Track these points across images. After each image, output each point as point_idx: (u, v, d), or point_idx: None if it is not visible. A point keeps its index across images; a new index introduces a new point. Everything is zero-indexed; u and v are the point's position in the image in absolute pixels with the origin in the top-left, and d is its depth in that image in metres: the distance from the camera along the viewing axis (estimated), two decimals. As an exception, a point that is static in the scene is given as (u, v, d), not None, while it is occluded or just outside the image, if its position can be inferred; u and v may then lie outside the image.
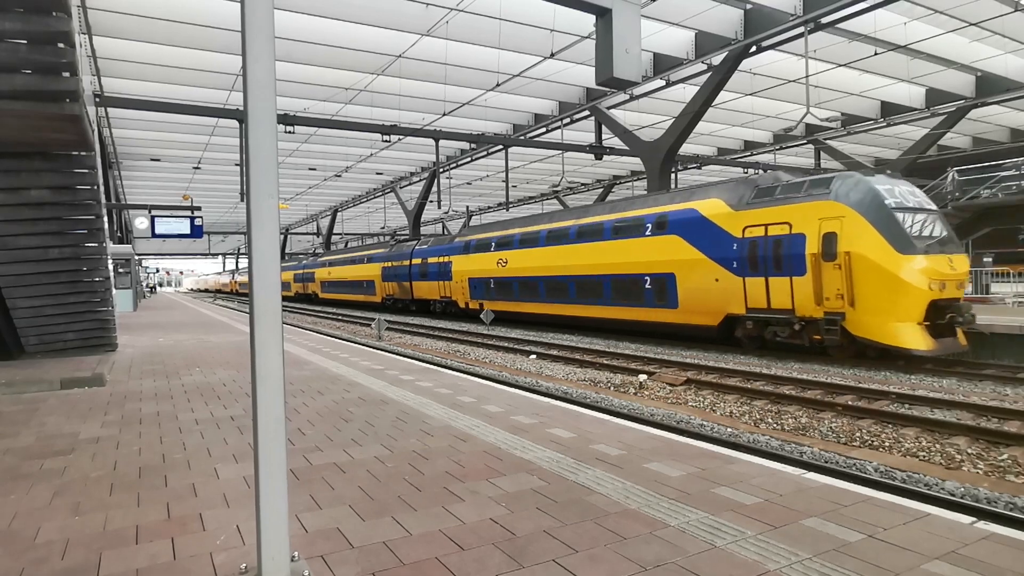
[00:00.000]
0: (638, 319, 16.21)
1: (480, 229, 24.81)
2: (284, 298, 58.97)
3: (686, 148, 24.03)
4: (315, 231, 54.74)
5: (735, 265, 13.24)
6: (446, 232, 43.69)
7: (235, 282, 78.99)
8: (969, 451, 6.38)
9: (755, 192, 13.32)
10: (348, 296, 39.35)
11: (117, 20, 13.66)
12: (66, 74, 6.12)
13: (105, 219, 10.04)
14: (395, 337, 19.83)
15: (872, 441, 6.86)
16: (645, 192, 19.13)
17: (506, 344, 16.24)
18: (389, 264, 31.91)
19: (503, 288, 22.11)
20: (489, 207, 45.21)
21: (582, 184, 37.09)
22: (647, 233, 15.73)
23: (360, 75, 17.31)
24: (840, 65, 17.00)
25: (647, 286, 15.66)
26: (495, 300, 22.62)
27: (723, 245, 13.52)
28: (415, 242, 30.24)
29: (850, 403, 8.23)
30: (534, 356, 14.10)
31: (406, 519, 3.26)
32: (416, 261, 28.87)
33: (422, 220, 37.56)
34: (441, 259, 26.42)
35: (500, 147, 23.24)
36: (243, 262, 71.83)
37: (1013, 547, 2.86)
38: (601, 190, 36.51)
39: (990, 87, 19.16)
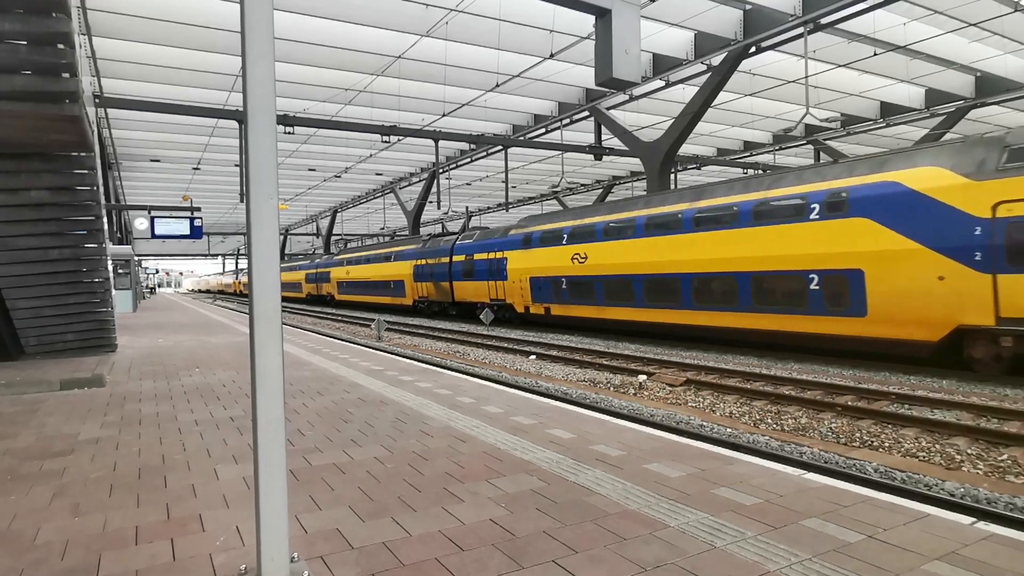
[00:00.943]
0: (799, 331, 12.44)
1: (543, 219, 20.71)
2: (295, 300, 50.93)
3: (686, 148, 24.06)
4: (315, 232, 54.71)
5: (977, 257, 9.76)
6: (445, 231, 40.88)
7: (239, 283, 74.83)
8: (969, 451, 6.38)
9: (1008, 154, 9.77)
10: (371, 298, 35.15)
11: (117, 21, 13.66)
12: (66, 75, 6.12)
13: (105, 220, 10.04)
14: (394, 338, 19.82)
15: (872, 441, 6.86)
16: (645, 193, 19.11)
17: (506, 345, 16.23)
18: (423, 262, 27.85)
19: (580, 289, 18.04)
20: (489, 208, 45.22)
21: (582, 185, 37.11)
22: (812, 216, 12.10)
23: (360, 76, 17.31)
24: (840, 65, 17.01)
25: (813, 287, 12.01)
26: (567, 303, 18.63)
27: (955, 229, 10.02)
28: (455, 236, 26.49)
29: (850, 403, 8.23)
30: (534, 357, 14.10)
31: (406, 520, 3.25)
32: (458, 258, 24.74)
33: (422, 221, 37.56)
34: (492, 255, 22.38)
35: (500, 148, 23.25)
36: (245, 263, 70.81)
37: (1013, 547, 2.86)
38: (601, 191, 36.52)
39: (989, 87, 19.17)
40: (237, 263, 79.14)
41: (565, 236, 18.75)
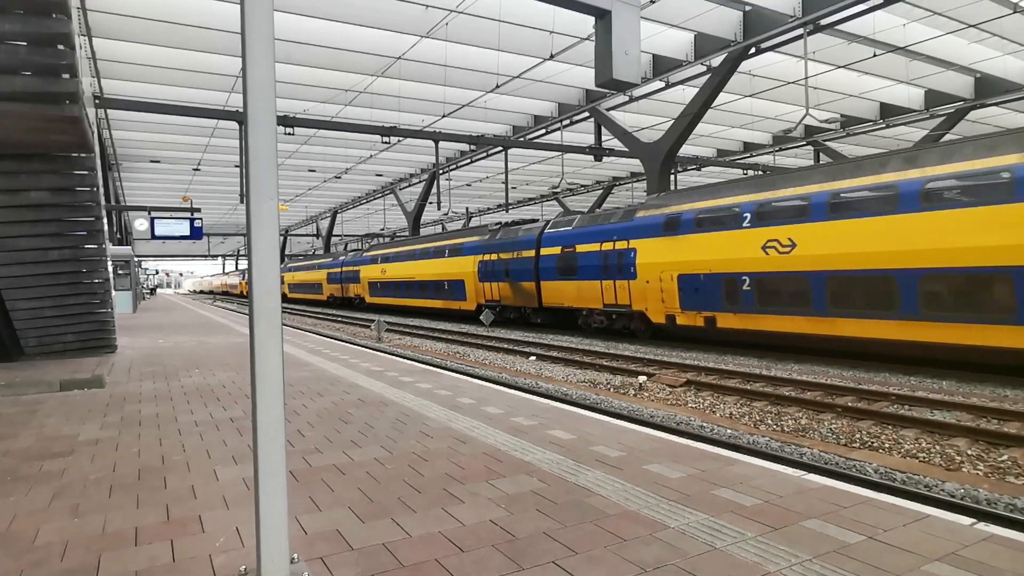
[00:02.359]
0: None
1: (697, 194, 15.18)
2: (315, 304, 47.12)
3: (685, 149, 24.05)
4: (315, 232, 54.70)
5: None
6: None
7: (247, 283, 72.21)
8: (969, 452, 6.38)
9: None
10: (416, 302, 28.76)
11: (117, 22, 13.67)
12: (66, 76, 6.12)
13: (104, 221, 10.04)
14: (394, 339, 19.82)
15: (872, 442, 6.85)
16: (645, 194, 19.09)
17: (505, 346, 16.23)
18: (493, 257, 22.21)
19: (780, 290, 12.72)
20: (489, 208, 45.22)
21: (581, 186, 37.11)
22: None
23: (360, 77, 17.32)
24: (839, 67, 17.02)
25: None
26: (751, 311, 13.27)
27: None
28: (542, 223, 20.93)
29: (850, 404, 8.23)
30: (534, 358, 14.09)
31: (406, 521, 3.25)
32: (549, 251, 19.11)
33: (421, 222, 37.53)
34: (607, 246, 16.94)
35: (500, 149, 23.24)
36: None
37: (1013, 548, 2.86)
38: (601, 192, 36.52)
39: (989, 88, 19.17)
40: (237, 263, 79.01)
41: (748, 215, 13.32)
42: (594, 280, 17.50)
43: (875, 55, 16.02)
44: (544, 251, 19.58)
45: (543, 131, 22.74)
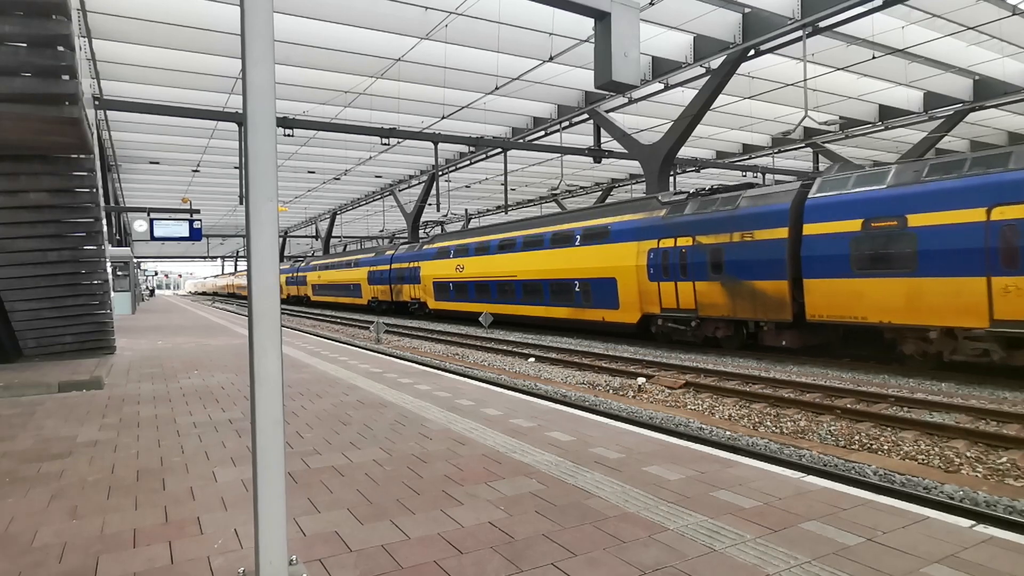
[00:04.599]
0: None
1: None
2: (348, 308, 40.72)
3: (684, 151, 24.05)
4: (314, 234, 54.68)
5: None
6: (444, 232, 34.05)
7: (292, 284, 55.67)
8: (968, 454, 6.37)
9: None
10: (519, 309, 20.91)
11: (117, 23, 13.67)
12: (66, 77, 6.13)
13: (104, 222, 10.04)
14: (394, 340, 19.81)
15: (871, 444, 6.85)
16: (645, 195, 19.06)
17: (505, 347, 16.22)
18: (683, 242, 14.56)
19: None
20: (488, 210, 45.24)
21: (581, 187, 37.14)
22: None
23: (359, 78, 17.32)
24: (838, 69, 17.04)
25: None
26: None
27: None
28: (794, 184, 13.29)
29: (849, 406, 8.23)
30: (533, 359, 14.08)
31: (405, 522, 3.25)
32: (829, 228, 11.81)
33: (420, 223, 37.51)
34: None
35: (499, 150, 23.24)
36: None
37: (1012, 550, 2.86)
38: (600, 193, 36.55)
39: (988, 91, 19.21)
40: (236, 264, 78.86)
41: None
42: (967, 276, 9.95)
43: (874, 57, 16.05)
44: (814, 228, 11.90)
45: (542, 133, 22.76)
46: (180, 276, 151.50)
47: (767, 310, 12.88)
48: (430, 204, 26.57)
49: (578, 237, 18.05)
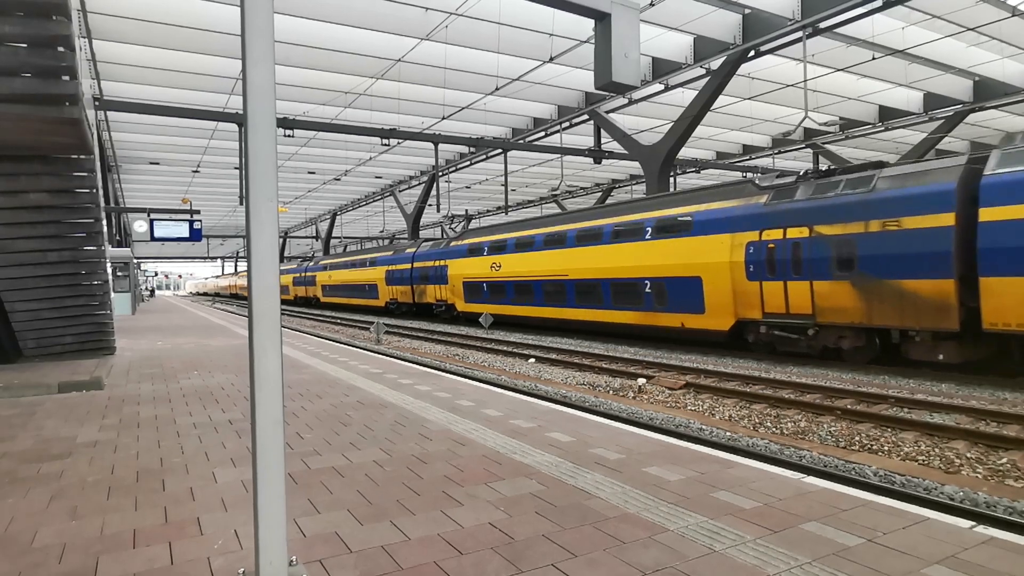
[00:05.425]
0: None
1: None
2: (361, 310, 37.20)
3: (685, 152, 24.06)
4: (314, 234, 54.68)
5: None
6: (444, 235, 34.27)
7: (300, 285, 51.13)
8: (968, 455, 6.37)
9: None
10: (594, 314, 17.46)
11: (117, 24, 13.68)
12: (66, 78, 6.13)
13: (104, 222, 10.04)
14: (394, 341, 19.81)
15: (871, 445, 6.85)
16: (644, 195, 19.06)
17: (505, 348, 16.22)
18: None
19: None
20: (488, 211, 45.27)
21: (581, 188, 37.15)
22: None
23: (359, 79, 17.34)
24: (838, 69, 17.05)
25: None
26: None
27: None
28: None
29: (849, 407, 8.22)
30: (533, 360, 14.08)
31: (405, 523, 3.25)
32: None
33: (421, 224, 37.52)
34: None
35: (499, 151, 23.26)
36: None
37: (1013, 551, 2.86)
38: (600, 194, 36.56)
39: (988, 91, 19.22)
40: (236, 265, 78.74)
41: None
42: None
43: (874, 58, 16.06)
44: (998, 212, 9.67)
45: (542, 133, 22.77)
46: (180, 277, 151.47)
47: (921, 316, 10.37)
48: (430, 205, 26.56)
49: (649, 230, 15.54)
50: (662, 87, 18.35)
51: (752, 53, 15.46)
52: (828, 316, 11.67)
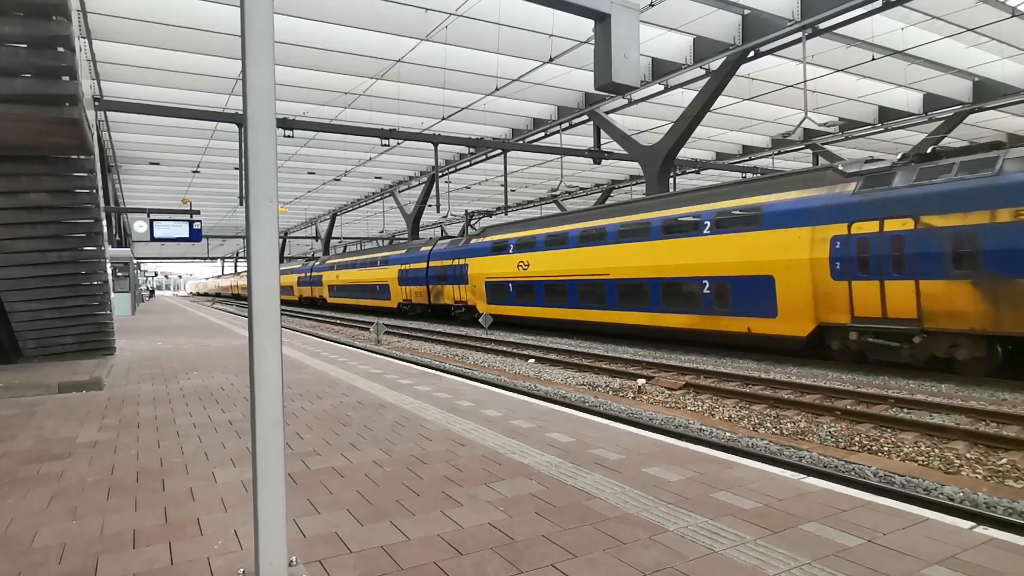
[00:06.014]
0: None
1: None
2: (371, 312, 34.71)
3: (684, 152, 24.08)
4: (314, 235, 54.68)
5: None
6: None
7: (305, 285, 48.41)
8: (968, 455, 6.37)
9: None
10: (667, 320, 15.64)
11: (117, 24, 13.68)
12: (66, 78, 6.13)
13: (104, 223, 10.04)
14: (393, 341, 19.81)
15: (871, 445, 6.85)
16: (644, 196, 19.06)
17: (504, 348, 16.22)
18: None
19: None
20: (488, 211, 45.26)
21: (581, 188, 37.16)
22: None
23: (359, 79, 17.34)
24: (838, 70, 17.07)
25: None
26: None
27: None
28: None
29: (849, 407, 8.23)
30: (532, 360, 14.08)
31: (404, 524, 3.25)
32: None
33: (420, 224, 37.52)
34: None
35: (499, 151, 23.26)
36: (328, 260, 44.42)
37: (1013, 552, 2.86)
38: (600, 194, 36.57)
39: (987, 92, 19.23)
40: (236, 265, 78.68)
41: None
42: None
43: (874, 59, 16.07)
44: None
45: (542, 134, 22.78)
46: (180, 277, 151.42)
47: None
48: (430, 205, 26.58)
49: (708, 223, 14.04)
50: (662, 88, 18.36)
51: (752, 54, 15.46)
52: (939, 321, 10.12)
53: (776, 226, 12.51)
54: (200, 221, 22.70)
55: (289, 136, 18.20)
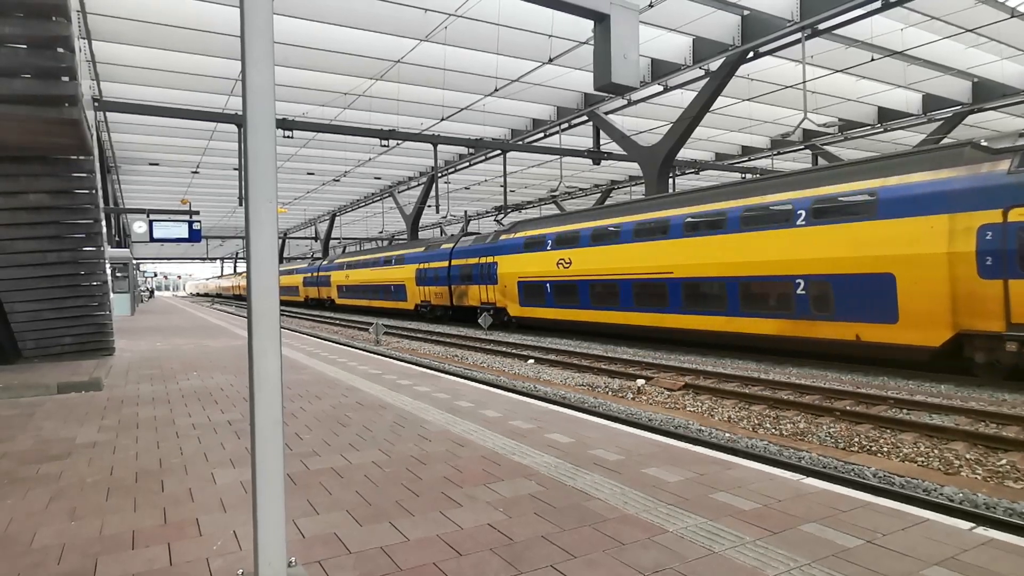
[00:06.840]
0: None
1: None
2: (384, 314, 32.34)
3: (684, 153, 24.10)
4: (313, 235, 54.68)
5: None
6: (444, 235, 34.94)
7: (312, 286, 46.33)
8: (968, 456, 6.37)
9: None
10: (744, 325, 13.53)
11: (116, 25, 13.69)
12: (65, 78, 6.13)
13: (103, 223, 10.04)
14: (393, 341, 19.80)
15: (871, 446, 6.85)
16: (643, 196, 19.06)
17: (504, 348, 16.22)
18: None
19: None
20: (487, 212, 45.28)
21: (580, 189, 37.17)
22: None
23: (359, 80, 17.35)
24: (837, 71, 17.08)
25: None
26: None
27: None
28: None
29: (848, 408, 8.22)
30: (532, 360, 14.08)
31: (404, 524, 3.25)
32: None
33: (420, 225, 37.51)
34: None
35: (498, 152, 23.27)
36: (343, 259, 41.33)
37: (1012, 553, 2.86)
38: (599, 195, 36.58)
39: (987, 93, 19.26)
40: (236, 265, 78.62)
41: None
42: None
43: (873, 59, 16.09)
44: None
45: (541, 135, 22.79)
46: (180, 277, 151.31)
47: None
48: (429, 206, 26.57)
49: (803, 213, 11.97)
50: (661, 88, 18.37)
51: (751, 54, 15.48)
52: None
53: (898, 214, 10.50)
54: (199, 222, 22.67)
55: (289, 137, 18.20)
